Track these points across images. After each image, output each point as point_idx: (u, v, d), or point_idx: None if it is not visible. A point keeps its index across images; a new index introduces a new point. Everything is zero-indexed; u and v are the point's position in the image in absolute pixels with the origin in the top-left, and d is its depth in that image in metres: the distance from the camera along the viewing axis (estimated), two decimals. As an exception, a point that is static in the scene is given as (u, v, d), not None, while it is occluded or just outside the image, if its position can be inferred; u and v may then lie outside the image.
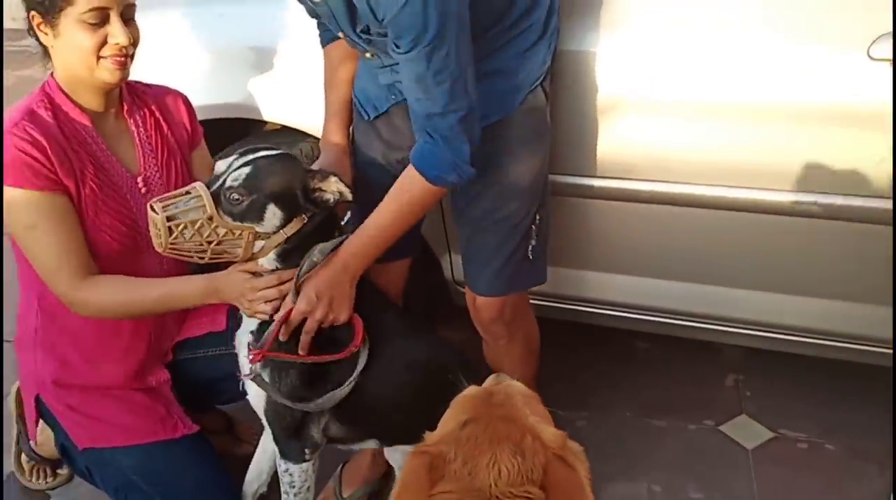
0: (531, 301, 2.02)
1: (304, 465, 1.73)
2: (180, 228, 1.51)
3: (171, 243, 1.53)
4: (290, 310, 1.59)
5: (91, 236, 1.71)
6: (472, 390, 1.26)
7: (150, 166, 1.84)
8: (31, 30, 1.69)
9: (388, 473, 2.08)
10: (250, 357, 1.63)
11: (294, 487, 1.75)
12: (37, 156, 1.63)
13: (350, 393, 1.65)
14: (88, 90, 1.73)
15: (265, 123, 2.22)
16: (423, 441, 1.14)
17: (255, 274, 1.64)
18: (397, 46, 1.45)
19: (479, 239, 1.80)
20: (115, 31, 1.64)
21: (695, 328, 2.17)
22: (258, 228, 1.56)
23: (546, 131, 1.75)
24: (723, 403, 2.40)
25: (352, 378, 1.64)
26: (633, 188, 1.94)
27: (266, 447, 1.89)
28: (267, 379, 1.65)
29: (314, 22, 1.81)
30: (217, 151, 2.21)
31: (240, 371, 1.70)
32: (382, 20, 1.43)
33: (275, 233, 1.58)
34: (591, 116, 1.89)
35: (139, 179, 1.81)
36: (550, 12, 1.68)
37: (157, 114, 1.88)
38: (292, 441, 1.71)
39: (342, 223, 1.77)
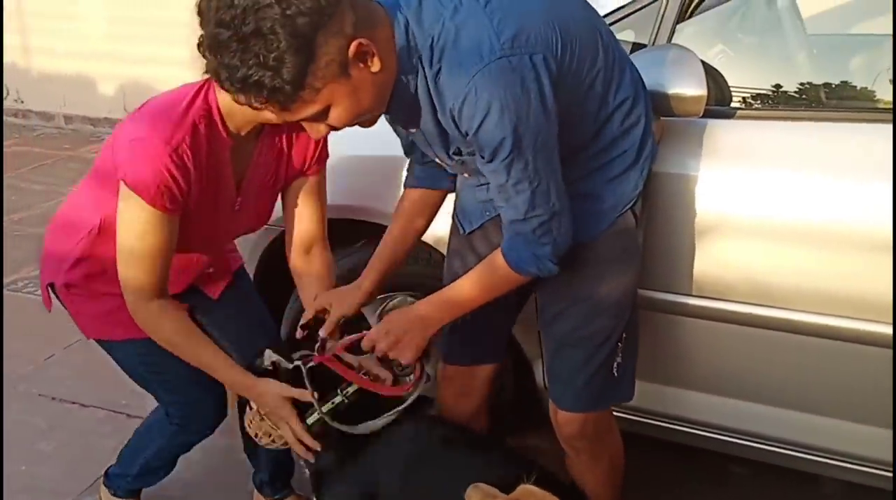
0: (620, 415, 2.02)
1: None
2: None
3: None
4: (364, 334, 1.68)
5: None
6: None
7: (251, 189, 1.83)
8: None
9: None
10: (313, 359, 1.71)
11: None
12: (181, 184, 1.63)
13: None
14: (246, 121, 1.70)
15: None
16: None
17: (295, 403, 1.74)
18: (481, 157, 1.51)
19: (564, 355, 1.81)
20: None
21: (791, 457, 2.10)
22: None
23: (635, 252, 1.76)
24: (821, 538, 2.29)
25: (392, 413, 1.71)
26: (730, 309, 1.95)
27: None
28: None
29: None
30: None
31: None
32: (467, 135, 1.49)
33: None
34: (688, 235, 1.92)
35: (238, 200, 1.82)
36: (644, 141, 1.66)
37: (284, 143, 1.83)
38: None
39: None
